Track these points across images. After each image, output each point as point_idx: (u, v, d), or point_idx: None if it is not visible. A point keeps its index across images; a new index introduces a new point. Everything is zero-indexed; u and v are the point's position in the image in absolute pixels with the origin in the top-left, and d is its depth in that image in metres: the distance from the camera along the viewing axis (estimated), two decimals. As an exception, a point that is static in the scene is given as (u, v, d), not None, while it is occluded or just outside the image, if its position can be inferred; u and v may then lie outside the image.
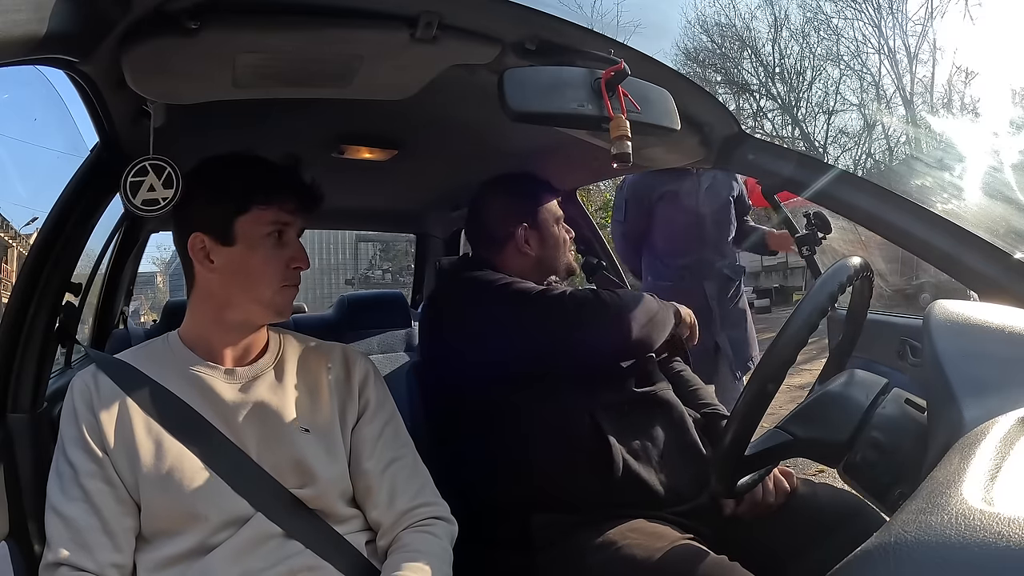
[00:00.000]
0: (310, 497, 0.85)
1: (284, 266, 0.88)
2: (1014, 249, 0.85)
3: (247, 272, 0.86)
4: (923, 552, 0.37)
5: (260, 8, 0.71)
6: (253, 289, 0.87)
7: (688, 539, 0.91)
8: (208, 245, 0.86)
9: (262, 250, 0.86)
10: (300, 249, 0.90)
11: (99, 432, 0.81)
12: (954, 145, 7.09)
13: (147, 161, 0.83)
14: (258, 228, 0.86)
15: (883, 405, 0.77)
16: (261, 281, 0.86)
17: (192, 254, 0.86)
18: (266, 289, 0.87)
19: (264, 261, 0.86)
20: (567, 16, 0.80)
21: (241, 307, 0.88)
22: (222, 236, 0.85)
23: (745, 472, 0.84)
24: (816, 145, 16.52)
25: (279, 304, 0.89)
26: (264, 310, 0.88)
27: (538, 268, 1.21)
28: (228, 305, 0.88)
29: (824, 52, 16.34)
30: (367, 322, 1.63)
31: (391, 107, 0.95)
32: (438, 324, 1.18)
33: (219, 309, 0.88)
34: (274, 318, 0.90)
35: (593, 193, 8.94)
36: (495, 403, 1.06)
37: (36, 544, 0.83)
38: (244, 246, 0.86)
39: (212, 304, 0.89)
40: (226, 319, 0.88)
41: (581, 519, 0.98)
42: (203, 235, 0.86)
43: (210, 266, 0.86)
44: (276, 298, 0.88)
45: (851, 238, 1.68)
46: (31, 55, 0.56)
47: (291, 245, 0.89)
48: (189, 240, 0.86)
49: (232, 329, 0.89)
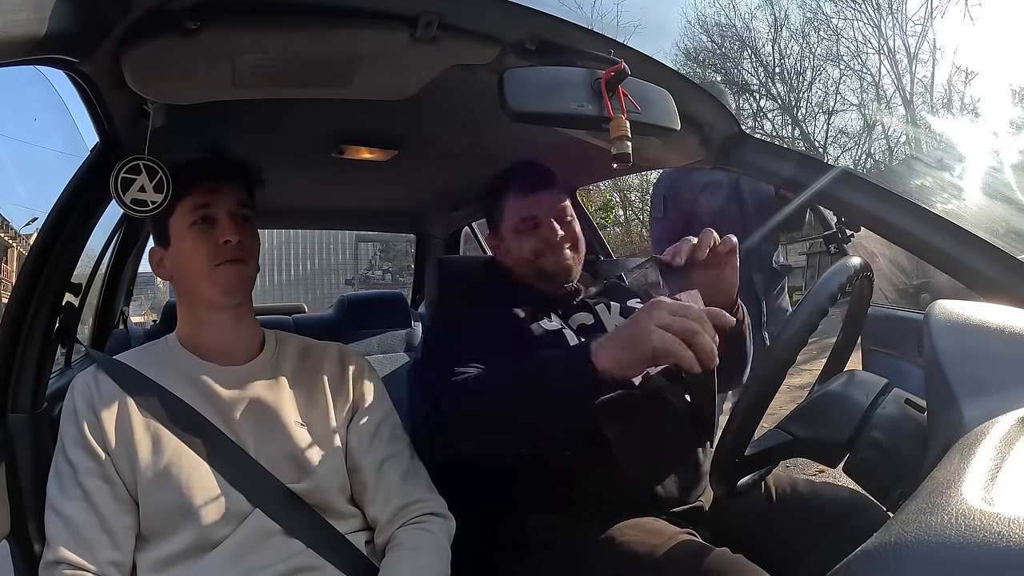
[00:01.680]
0: (307, 491, 0.85)
1: (212, 245, 0.89)
2: (1014, 249, 0.85)
3: (183, 262, 0.91)
4: (923, 552, 0.37)
5: (260, 8, 0.71)
6: (192, 276, 0.90)
7: (688, 534, 0.91)
8: (161, 254, 0.94)
9: (188, 238, 0.90)
10: (226, 224, 0.89)
11: (100, 431, 0.82)
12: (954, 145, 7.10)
13: (141, 160, 0.85)
14: (182, 221, 0.90)
15: (883, 405, 0.77)
16: (195, 267, 0.90)
17: (153, 268, 0.95)
18: (200, 273, 0.89)
19: (192, 247, 0.89)
20: (567, 16, 0.80)
21: (197, 296, 0.92)
22: (164, 241, 0.92)
23: (745, 472, 0.84)
24: (816, 145, 16.53)
25: (220, 282, 0.89)
26: (209, 291, 0.90)
27: (518, 270, 1.17)
28: (189, 298, 0.93)
29: (824, 52, 16.35)
30: (367, 322, 1.63)
31: (391, 107, 0.95)
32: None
33: (188, 305, 0.93)
34: (223, 297, 0.90)
35: (593, 193, 8.94)
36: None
37: (36, 543, 0.84)
38: (176, 241, 0.91)
39: (184, 302, 0.94)
40: (196, 314, 0.93)
41: (579, 518, 0.98)
42: (157, 248, 0.94)
43: (165, 271, 0.93)
44: (214, 276, 0.89)
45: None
46: (31, 55, 0.56)
47: (218, 223, 0.90)
48: (150, 256, 0.95)
49: (206, 322, 0.92)
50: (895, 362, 1.27)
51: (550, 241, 1.12)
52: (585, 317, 1.12)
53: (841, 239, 1.40)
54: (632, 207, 15.75)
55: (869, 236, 1.44)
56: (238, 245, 0.89)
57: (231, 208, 0.90)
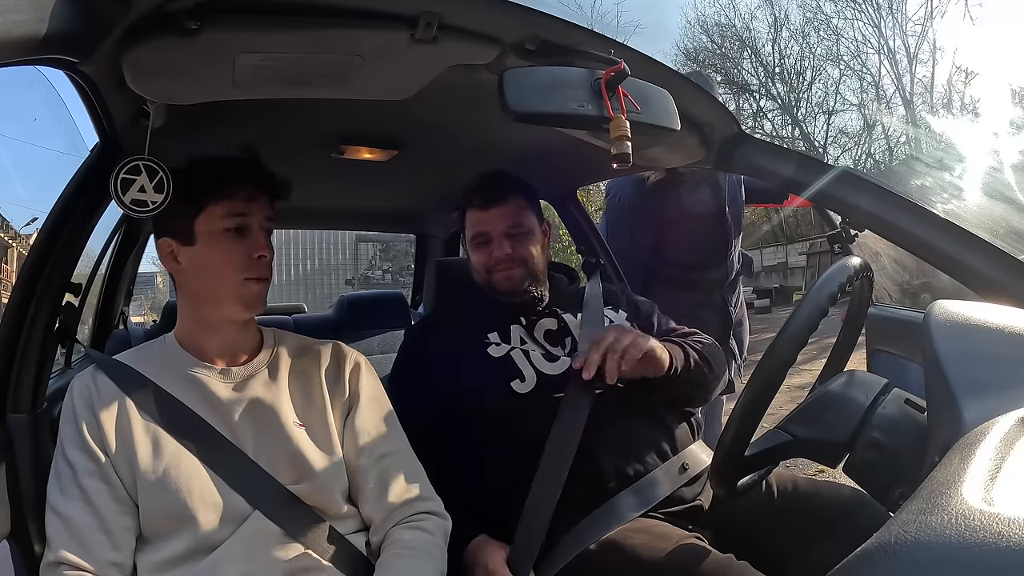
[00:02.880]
0: (306, 492, 0.85)
1: (245, 257, 0.88)
2: (1014, 249, 0.85)
3: (209, 267, 0.88)
4: (923, 552, 0.37)
5: (260, 8, 0.71)
6: (217, 283, 0.88)
7: (695, 539, 0.91)
8: (174, 247, 0.89)
9: (221, 244, 0.88)
10: (262, 239, 0.90)
11: (99, 432, 0.81)
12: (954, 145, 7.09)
13: (141, 161, 0.84)
14: (215, 224, 0.88)
15: (883, 405, 0.77)
16: (222, 274, 0.88)
17: (162, 258, 0.91)
18: (228, 282, 0.88)
19: (223, 254, 0.88)
20: (567, 16, 0.80)
21: (212, 303, 0.90)
22: (185, 237, 0.89)
23: (745, 473, 0.84)
24: (816, 145, 16.54)
25: (245, 297, 0.89)
26: (232, 304, 0.89)
27: (479, 280, 1.23)
28: (201, 302, 0.90)
29: (824, 52, 16.37)
30: (367, 322, 1.63)
31: (391, 107, 0.95)
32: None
33: (196, 307, 0.91)
34: (244, 313, 0.90)
35: (593, 193, 8.92)
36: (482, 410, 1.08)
37: (36, 544, 0.83)
38: (204, 243, 0.88)
39: (189, 303, 0.92)
40: (204, 317, 0.91)
41: (581, 518, 0.98)
42: (169, 239, 0.89)
43: (179, 267, 0.90)
44: (241, 291, 0.88)
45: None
46: (31, 55, 0.56)
47: (252, 236, 0.89)
48: (158, 245, 0.91)
49: (213, 327, 0.91)
50: (900, 362, 1.27)
51: (497, 259, 1.17)
52: (550, 323, 1.18)
53: (845, 239, 1.40)
54: (632, 207, 15.72)
55: (873, 235, 1.43)
56: (267, 262, 0.89)
57: (262, 221, 0.90)
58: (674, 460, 1.05)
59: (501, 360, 1.11)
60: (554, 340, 1.16)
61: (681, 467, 1.05)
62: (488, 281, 1.19)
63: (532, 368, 1.10)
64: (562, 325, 1.19)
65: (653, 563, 0.87)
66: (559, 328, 1.18)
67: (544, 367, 1.11)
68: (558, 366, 1.11)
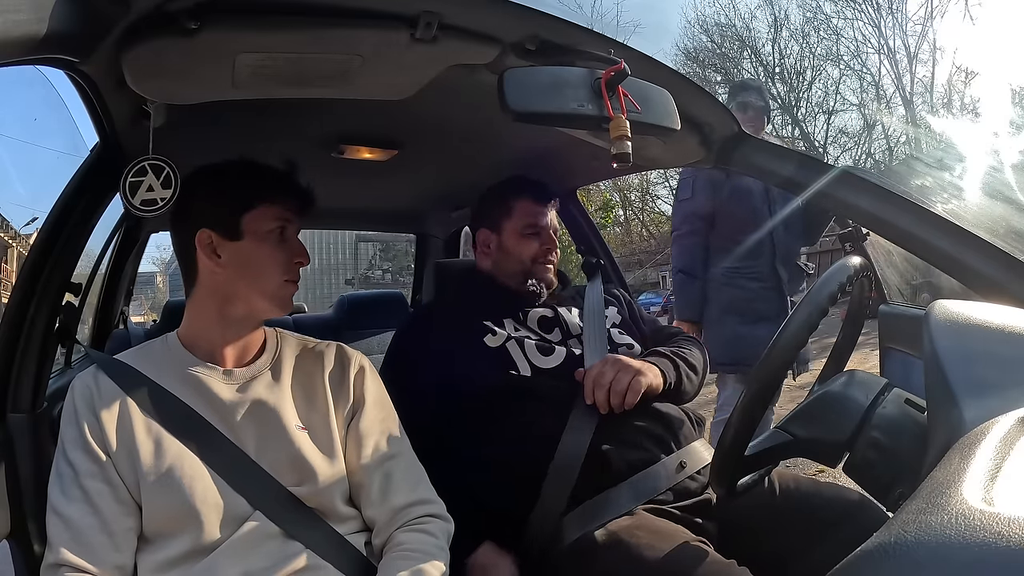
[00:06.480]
0: (308, 495, 0.85)
1: (288, 260, 0.91)
2: (1014, 249, 0.85)
3: (254, 264, 0.89)
4: (923, 552, 0.37)
5: (260, 8, 0.71)
6: (259, 282, 0.89)
7: (699, 542, 0.91)
8: (215, 240, 0.88)
9: (268, 244, 0.89)
10: (301, 246, 0.94)
11: (100, 432, 0.81)
12: (954, 145, 7.08)
13: (146, 161, 0.85)
14: (264, 223, 0.89)
15: (883, 405, 0.77)
16: (267, 273, 0.89)
17: (200, 249, 0.88)
18: (271, 282, 0.90)
19: (270, 254, 0.89)
20: (567, 16, 0.80)
21: (245, 301, 0.90)
22: (230, 231, 0.88)
23: (745, 472, 0.84)
24: (816, 145, 16.54)
25: (282, 297, 0.92)
26: (268, 303, 0.91)
27: (498, 270, 1.25)
28: (232, 300, 0.89)
29: (824, 52, 16.37)
30: (367, 322, 1.63)
31: (391, 107, 0.95)
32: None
33: (222, 305, 0.90)
34: (276, 312, 0.92)
35: (593, 193, 8.93)
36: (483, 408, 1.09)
37: (37, 544, 0.84)
38: (251, 240, 0.89)
39: (215, 300, 0.90)
40: (229, 315, 0.90)
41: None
42: (210, 231, 0.88)
43: (217, 261, 0.88)
44: (280, 291, 0.91)
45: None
46: (31, 55, 0.56)
47: (292, 242, 0.93)
48: (197, 236, 0.88)
49: (233, 325, 0.90)
50: (912, 360, 1.26)
51: (547, 251, 1.24)
52: (546, 311, 1.23)
53: (857, 237, 1.40)
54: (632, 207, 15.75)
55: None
56: (301, 268, 0.94)
57: (296, 231, 0.94)
58: (673, 456, 1.05)
59: (497, 350, 1.13)
60: (547, 327, 1.20)
61: (679, 465, 1.05)
62: (528, 271, 1.22)
63: (527, 361, 1.12)
64: (555, 314, 1.22)
65: (655, 563, 0.87)
66: (553, 315, 1.22)
67: (538, 360, 1.13)
68: (552, 359, 1.13)
